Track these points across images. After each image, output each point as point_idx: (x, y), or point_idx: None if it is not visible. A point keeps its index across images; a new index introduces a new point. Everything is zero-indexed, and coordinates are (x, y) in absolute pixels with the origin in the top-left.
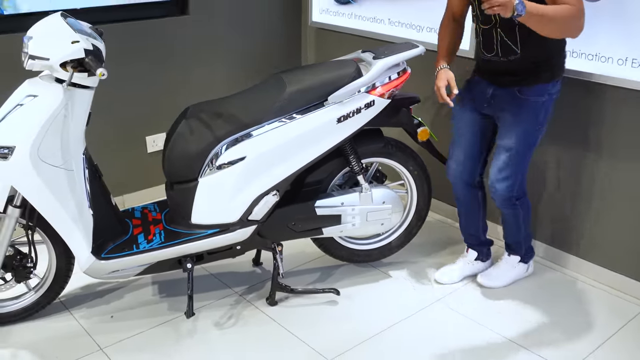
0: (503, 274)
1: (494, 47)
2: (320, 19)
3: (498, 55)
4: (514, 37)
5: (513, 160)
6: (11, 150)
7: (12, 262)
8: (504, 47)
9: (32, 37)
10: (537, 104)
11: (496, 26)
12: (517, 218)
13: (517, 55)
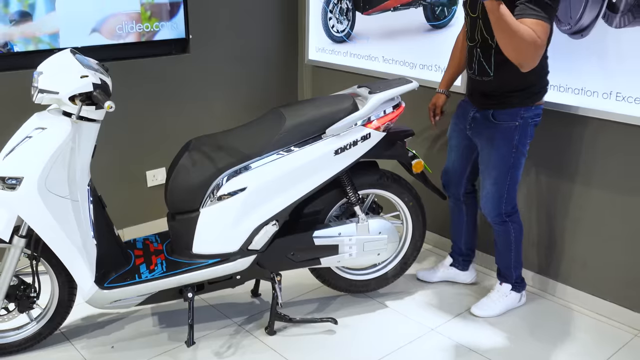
0: (495, 303)
1: (473, 65)
2: (316, 57)
3: (475, 74)
4: (489, 59)
5: (496, 185)
6: (19, 181)
7: (16, 292)
8: (480, 67)
9: (42, 72)
10: (509, 128)
11: (477, 45)
12: (509, 236)
13: (490, 77)
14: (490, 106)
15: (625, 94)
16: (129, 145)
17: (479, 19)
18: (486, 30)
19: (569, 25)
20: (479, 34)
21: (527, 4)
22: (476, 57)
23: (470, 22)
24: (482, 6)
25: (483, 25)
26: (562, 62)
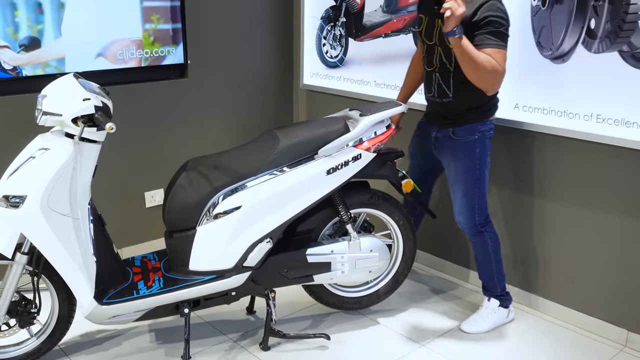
0: (484, 319)
1: (432, 88)
2: (311, 82)
3: (434, 97)
4: (448, 82)
5: (466, 197)
6: (23, 199)
7: (17, 307)
8: (440, 89)
9: (46, 95)
10: (470, 142)
11: (435, 70)
12: (487, 247)
13: (450, 98)
14: (450, 125)
15: (605, 116)
16: (129, 167)
17: (436, 46)
18: (445, 56)
19: (551, 51)
20: (438, 60)
21: (486, 34)
22: (435, 81)
23: (427, 49)
24: (439, 34)
25: (442, 52)
26: (545, 86)
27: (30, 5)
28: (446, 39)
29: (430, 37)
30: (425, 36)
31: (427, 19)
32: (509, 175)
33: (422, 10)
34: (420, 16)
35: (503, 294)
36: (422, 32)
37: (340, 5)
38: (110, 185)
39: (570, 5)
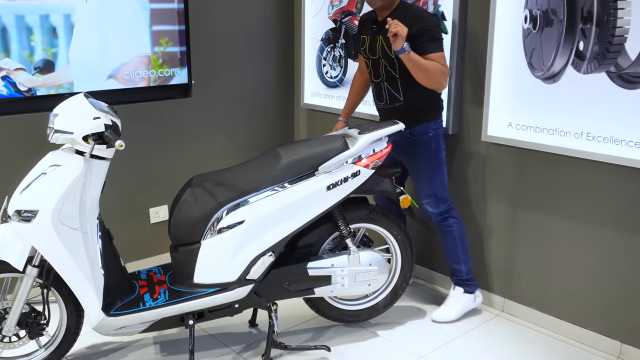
0: (451, 308)
1: (383, 97)
2: (311, 101)
3: (387, 104)
4: (396, 88)
5: (429, 189)
6: (35, 214)
7: (27, 319)
8: (391, 96)
9: (57, 114)
10: (425, 139)
11: (383, 80)
12: (452, 231)
13: (401, 102)
14: (406, 126)
15: (594, 134)
16: (134, 183)
17: (380, 59)
18: (389, 65)
19: (542, 72)
20: (383, 70)
21: (426, 43)
22: (385, 90)
23: (373, 63)
24: (381, 48)
25: (386, 63)
26: (537, 105)
27: (46, 30)
28: (392, 54)
29: (374, 52)
30: (370, 52)
31: (368, 38)
32: (504, 191)
33: (363, 32)
34: (362, 37)
35: (469, 279)
36: (366, 50)
37: (339, 28)
38: (116, 201)
39: (560, 29)
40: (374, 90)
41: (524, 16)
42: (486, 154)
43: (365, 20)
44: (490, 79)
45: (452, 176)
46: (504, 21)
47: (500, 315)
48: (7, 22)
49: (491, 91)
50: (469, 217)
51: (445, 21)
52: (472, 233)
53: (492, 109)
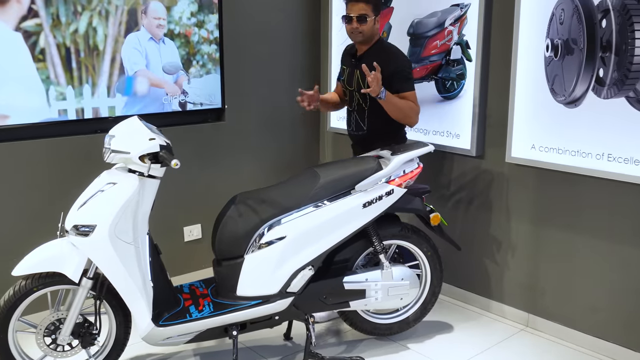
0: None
1: (351, 124)
2: (337, 125)
3: (353, 130)
4: (363, 118)
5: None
6: (92, 228)
7: (80, 329)
8: (357, 124)
9: (114, 135)
10: None
11: (354, 110)
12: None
13: (364, 131)
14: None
15: (615, 155)
16: (169, 203)
17: (354, 92)
18: (361, 99)
19: (564, 97)
20: (356, 102)
21: (401, 82)
22: (353, 118)
23: (349, 93)
24: (357, 81)
25: (359, 96)
26: (559, 128)
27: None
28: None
29: (351, 84)
30: (347, 83)
31: (347, 70)
32: (527, 209)
33: (344, 63)
34: (343, 67)
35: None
36: (344, 81)
37: None
38: (152, 220)
39: (580, 57)
40: (346, 116)
41: (546, 45)
42: (510, 175)
43: (346, 51)
44: (514, 104)
45: (475, 196)
46: (526, 50)
47: (524, 329)
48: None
49: (515, 115)
50: (493, 235)
51: (470, 49)
52: (495, 250)
53: (516, 132)
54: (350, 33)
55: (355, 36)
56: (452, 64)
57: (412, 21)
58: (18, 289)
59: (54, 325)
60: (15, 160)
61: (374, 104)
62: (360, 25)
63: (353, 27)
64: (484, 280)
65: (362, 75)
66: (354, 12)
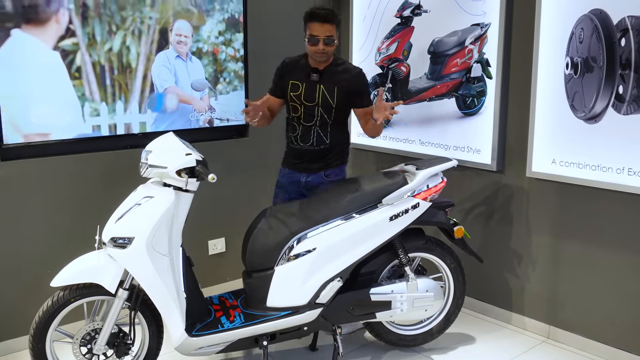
0: None
1: (310, 139)
2: (357, 140)
3: (313, 145)
4: (326, 132)
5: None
6: (130, 241)
7: (115, 339)
8: (318, 139)
9: (151, 150)
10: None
11: (315, 125)
12: None
13: (327, 145)
14: (323, 168)
15: (635, 169)
16: (194, 217)
17: (317, 106)
18: (325, 112)
19: (584, 113)
20: (318, 117)
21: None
22: (314, 133)
23: (307, 109)
24: (322, 96)
25: (322, 110)
26: (580, 144)
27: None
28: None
29: (312, 99)
30: (305, 99)
31: (304, 85)
32: (548, 223)
33: (293, 78)
34: (295, 83)
35: None
36: (300, 96)
37: (387, 73)
38: None
39: (600, 74)
40: (297, 132)
41: (566, 63)
42: (530, 189)
43: (293, 65)
44: (534, 120)
45: (496, 209)
46: (546, 67)
47: (545, 341)
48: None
49: (535, 131)
50: (513, 248)
51: (490, 67)
52: (516, 263)
53: (536, 147)
54: (314, 53)
55: (319, 57)
56: (472, 81)
57: (433, 40)
58: (56, 300)
59: (89, 335)
60: (52, 174)
61: (337, 117)
62: (326, 47)
63: (319, 49)
64: (505, 292)
65: (329, 90)
66: (321, 33)
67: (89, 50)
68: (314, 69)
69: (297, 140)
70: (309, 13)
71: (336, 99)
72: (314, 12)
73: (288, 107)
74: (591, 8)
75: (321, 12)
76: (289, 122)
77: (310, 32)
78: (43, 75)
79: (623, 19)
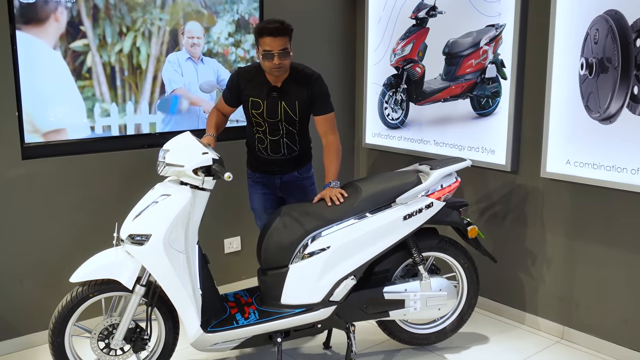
0: None
1: (280, 150)
2: (372, 141)
3: (284, 155)
4: (294, 141)
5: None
6: (147, 238)
7: (132, 334)
8: (289, 148)
9: (168, 149)
10: (310, 177)
11: (282, 137)
12: None
13: (297, 152)
14: (295, 168)
15: None
16: (210, 216)
17: (280, 122)
18: (289, 125)
19: (599, 113)
20: (283, 130)
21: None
22: (283, 145)
23: (270, 124)
24: (284, 112)
25: (286, 124)
26: (594, 144)
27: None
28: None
29: (274, 116)
30: (268, 116)
31: (265, 103)
32: (562, 223)
33: (256, 95)
34: (255, 100)
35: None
36: (263, 114)
37: (401, 74)
38: None
39: (615, 75)
40: (265, 144)
41: (580, 63)
42: (544, 189)
43: (249, 79)
44: (549, 120)
45: (510, 210)
46: (560, 68)
47: (559, 342)
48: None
49: (549, 131)
50: (528, 248)
51: (505, 68)
52: (530, 263)
53: (551, 148)
54: (270, 69)
55: (276, 71)
56: (487, 82)
57: (448, 41)
58: (75, 295)
59: (107, 330)
60: (72, 172)
61: (301, 126)
62: (282, 60)
63: (275, 64)
64: (519, 292)
65: (290, 106)
66: (275, 48)
67: (99, 51)
68: (274, 86)
69: (267, 151)
70: (260, 28)
71: (298, 113)
72: (265, 27)
73: (250, 120)
74: (606, 9)
75: (272, 25)
76: (253, 133)
77: (264, 48)
78: (51, 75)
79: (638, 20)
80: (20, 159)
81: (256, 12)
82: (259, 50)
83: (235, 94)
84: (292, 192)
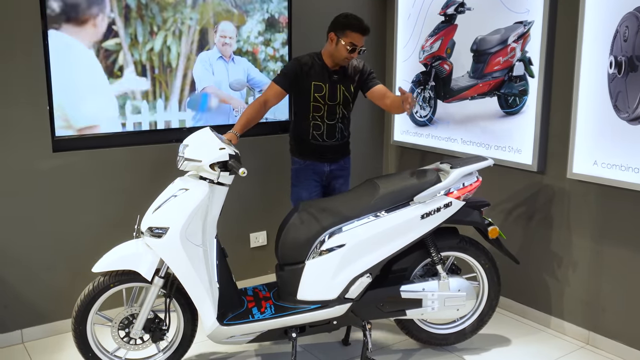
0: None
1: (335, 134)
2: (400, 138)
3: (338, 140)
4: (347, 127)
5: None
6: (165, 231)
7: (151, 325)
8: (342, 134)
9: (187, 144)
10: (348, 167)
11: (338, 121)
12: None
13: (346, 137)
14: (341, 156)
15: None
16: (236, 210)
17: (338, 105)
18: (345, 109)
19: (627, 113)
20: (340, 113)
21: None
22: (338, 130)
23: (329, 108)
24: (342, 95)
25: (343, 108)
26: (622, 145)
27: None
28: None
29: (334, 99)
30: (329, 99)
31: (327, 86)
32: (589, 226)
33: (314, 79)
34: (318, 84)
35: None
36: (325, 97)
37: (430, 71)
38: (220, 226)
39: None
40: (322, 130)
41: (609, 62)
42: (571, 191)
43: (309, 66)
44: (576, 120)
45: (536, 211)
46: (589, 66)
47: (584, 347)
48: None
49: (577, 131)
50: (553, 250)
51: (532, 66)
52: (556, 266)
53: (578, 148)
54: (344, 59)
55: (347, 61)
56: (514, 80)
57: (476, 38)
58: (97, 285)
59: (127, 320)
60: (100, 165)
61: (351, 112)
62: (357, 56)
63: (352, 57)
64: (544, 295)
65: (347, 89)
66: (360, 44)
67: (131, 50)
68: (333, 71)
69: (323, 137)
70: (355, 24)
71: (353, 95)
72: (359, 24)
73: (307, 106)
74: (636, 5)
75: (364, 25)
76: (308, 120)
77: (352, 41)
78: (85, 73)
79: None
80: (51, 152)
81: (285, 11)
82: (341, 39)
83: (292, 79)
84: (335, 180)
